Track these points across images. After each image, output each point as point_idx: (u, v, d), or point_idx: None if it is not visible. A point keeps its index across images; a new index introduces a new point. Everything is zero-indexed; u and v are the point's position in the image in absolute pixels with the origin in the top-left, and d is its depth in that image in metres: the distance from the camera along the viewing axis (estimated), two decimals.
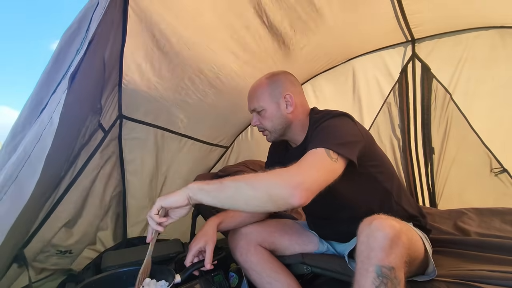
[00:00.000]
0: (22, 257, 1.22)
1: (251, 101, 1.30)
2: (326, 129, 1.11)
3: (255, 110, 1.29)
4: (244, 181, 0.93)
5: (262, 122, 1.28)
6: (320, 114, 1.23)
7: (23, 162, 0.79)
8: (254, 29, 1.65)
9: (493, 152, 2.09)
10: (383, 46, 2.29)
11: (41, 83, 0.93)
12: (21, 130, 0.92)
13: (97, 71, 1.25)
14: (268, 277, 1.21)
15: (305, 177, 0.90)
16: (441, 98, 2.21)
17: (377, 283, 0.81)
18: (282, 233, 1.34)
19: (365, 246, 0.87)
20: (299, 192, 0.87)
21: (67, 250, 1.56)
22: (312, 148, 1.01)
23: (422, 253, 1.05)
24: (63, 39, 0.95)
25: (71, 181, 1.45)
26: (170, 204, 0.96)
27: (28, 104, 0.94)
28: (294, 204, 0.88)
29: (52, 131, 0.77)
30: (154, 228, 0.96)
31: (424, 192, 2.35)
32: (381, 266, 0.82)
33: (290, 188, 0.87)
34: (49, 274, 1.52)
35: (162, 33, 1.45)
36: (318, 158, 0.98)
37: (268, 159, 1.50)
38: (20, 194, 0.76)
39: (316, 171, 0.94)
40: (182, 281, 1.09)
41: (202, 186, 0.96)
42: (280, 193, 0.89)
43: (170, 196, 0.97)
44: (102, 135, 1.57)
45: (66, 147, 1.25)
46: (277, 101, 1.25)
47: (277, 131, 1.28)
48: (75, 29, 0.95)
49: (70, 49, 0.93)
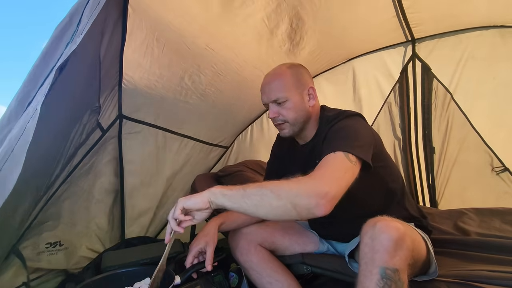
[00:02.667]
0: (17, 253, 1.21)
1: (273, 90, 1.21)
2: (343, 130, 1.09)
3: (276, 100, 1.20)
4: (269, 189, 0.91)
5: (283, 114, 1.21)
6: (332, 113, 1.22)
7: (6, 156, 0.78)
8: (254, 29, 1.65)
9: (494, 151, 2.08)
10: (383, 46, 2.29)
11: (30, 77, 0.92)
12: (7, 123, 0.90)
13: (90, 67, 1.24)
14: (268, 277, 1.20)
15: (330, 186, 0.89)
16: (442, 98, 2.21)
17: (381, 285, 0.81)
18: (283, 233, 1.33)
19: (369, 247, 0.86)
20: (325, 202, 0.86)
21: (57, 242, 1.55)
22: (330, 151, 0.99)
23: (425, 255, 1.05)
24: (54, 34, 0.94)
25: (65, 178, 1.45)
26: (192, 206, 0.95)
27: (15, 97, 0.92)
28: (318, 214, 0.88)
29: (35, 123, 0.75)
30: (175, 229, 0.95)
31: (424, 192, 2.35)
32: (386, 268, 0.82)
33: (316, 198, 0.87)
34: (42, 274, 1.51)
35: (162, 33, 1.45)
36: (339, 163, 0.97)
37: (271, 158, 1.49)
38: (2, 189, 0.74)
39: (340, 178, 0.93)
40: (182, 282, 1.09)
41: (224, 192, 0.95)
42: (306, 203, 0.87)
43: (192, 197, 0.96)
44: (100, 134, 1.57)
45: (59, 143, 1.24)
46: (301, 92, 1.21)
47: (298, 124, 1.22)
48: (66, 23, 0.94)
49: (60, 43, 0.92)
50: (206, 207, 0.95)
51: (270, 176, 1.44)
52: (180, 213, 0.94)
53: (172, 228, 0.96)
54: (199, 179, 1.99)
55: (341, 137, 1.05)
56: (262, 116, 2.52)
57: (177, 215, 0.94)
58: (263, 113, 2.50)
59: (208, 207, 0.95)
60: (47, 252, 1.52)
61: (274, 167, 1.45)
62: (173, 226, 0.95)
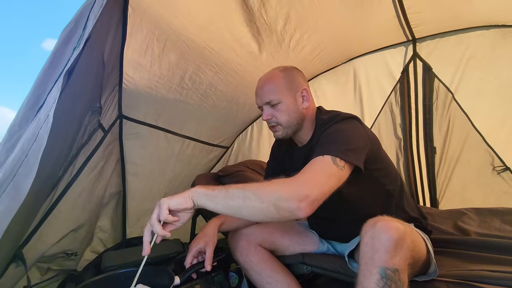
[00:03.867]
0: (20, 256, 1.21)
1: (265, 93, 1.22)
2: (334, 134, 1.09)
3: (269, 102, 1.21)
4: (251, 192, 0.89)
5: (276, 116, 1.22)
6: (327, 116, 1.21)
7: (20, 161, 0.79)
8: (255, 28, 1.65)
9: (495, 150, 2.08)
10: (384, 46, 2.29)
11: (38, 82, 0.93)
12: (18, 129, 0.92)
13: (95, 69, 1.25)
14: (268, 277, 1.20)
15: (311, 189, 0.89)
16: (443, 98, 2.21)
17: (381, 285, 0.81)
18: (283, 233, 1.33)
19: (369, 247, 0.86)
20: (305, 205, 0.86)
21: (73, 253, 1.56)
22: (318, 155, 0.99)
23: (425, 255, 1.05)
24: (61, 38, 0.95)
25: (70, 180, 1.45)
26: (177, 205, 0.89)
27: (25, 103, 0.94)
28: (299, 216, 0.88)
29: (48, 129, 0.77)
30: (161, 233, 0.87)
31: (425, 192, 2.35)
32: (386, 268, 0.82)
33: (296, 201, 0.86)
34: (54, 275, 1.52)
35: (162, 33, 1.45)
36: (324, 167, 0.96)
37: (270, 159, 1.49)
38: (17, 193, 0.76)
39: (322, 182, 0.92)
40: (182, 283, 1.09)
41: (207, 192, 0.92)
42: (286, 206, 0.87)
43: (174, 197, 0.91)
44: (102, 135, 1.57)
45: (63, 145, 1.24)
46: (294, 94, 1.22)
47: (291, 127, 1.23)
48: (73, 28, 0.95)
49: (67, 47, 0.93)
50: (190, 206, 0.91)
51: (269, 177, 1.43)
52: (168, 214, 0.88)
53: (155, 234, 0.89)
54: (199, 179, 1.99)
55: (331, 141, 1.05)
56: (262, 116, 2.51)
57: (165, 216, 0.87)
58: None
59: (192, 207, 0.91)
60: (61, 258, 1.53)
61: (273, 168, 1.45)
62: (158, 231, 0.87)
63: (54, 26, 54.55)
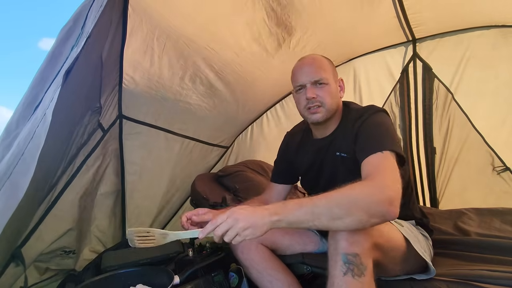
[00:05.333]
0: (19, 256, 1.21)
1: (316, 70, 1.19)
2: (381, 127, 1.09)
3: (318, 81, 1.18)
4: (337, 206, 0.85)
5: (321, 96, 1.18)
6: (358, 108, 1.22)
7: (17, 160, 0.79)
8: (255, 28, 1.65)
9: (495, 150, 2.08)
10: (384, 46, 2.29)
11: (36, 81, 0.93)
12: (15, 127, 0.92)
13: (93, 68, 1.25)
14: (269, 275, 1.20)
15: (392, 188, 0.88)
16: (443, 98, 2.21)
17: (344, 270, 0.85)
18: (283, 233, 1.33)
19: (333, 240, 0.90)
20: (394, 207, 0.86)
21: (71, 250, 1.57)
22: (376, 151, 0.99)
23: (402, 244, 1.04)
24: (59, 37, 0.95)
25: (68, 179, 1.45)
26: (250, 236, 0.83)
27: (23, 101, 0.94)
28: (391, 219, 0.88)
29: (46, 128, 0.77)
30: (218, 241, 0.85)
31: (425, 192, 2.34)
32: (346, 254, 0.86)
33: (387, 204, 0.85)
34: (52, 275, 1.52)
35: (163, 33, 1.45)
36: (390, 163, 0.97)
37: (278, 158, 1.48)
38: (15, 192, 0.75)
39: (396, 178, 0.92)
40: (181, 282, 1.09)
41: (289, 219, 0.85)
42: (378, 210, 0.85)
43: (249, 227, 0.83)
44: (101, 135, 1.57)
45: (61, 144, 1.24)
46: (336, 81, 1.24)
47: (331, 111, 1.20)
48: (71, 27, 0.95)
49: (65, 46, 0.93)
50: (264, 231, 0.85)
51: (277, 175, 1.46)
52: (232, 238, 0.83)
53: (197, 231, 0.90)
54: (199, 179, 1.99)
55: (381, 135, 1.05)
56: (262, 116, 2.52)
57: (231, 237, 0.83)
58: (263, 113, 2.50)
59: None
60: (59, 257, 1.53)
61: (280, 168, 1.46)
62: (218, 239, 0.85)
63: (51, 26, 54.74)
